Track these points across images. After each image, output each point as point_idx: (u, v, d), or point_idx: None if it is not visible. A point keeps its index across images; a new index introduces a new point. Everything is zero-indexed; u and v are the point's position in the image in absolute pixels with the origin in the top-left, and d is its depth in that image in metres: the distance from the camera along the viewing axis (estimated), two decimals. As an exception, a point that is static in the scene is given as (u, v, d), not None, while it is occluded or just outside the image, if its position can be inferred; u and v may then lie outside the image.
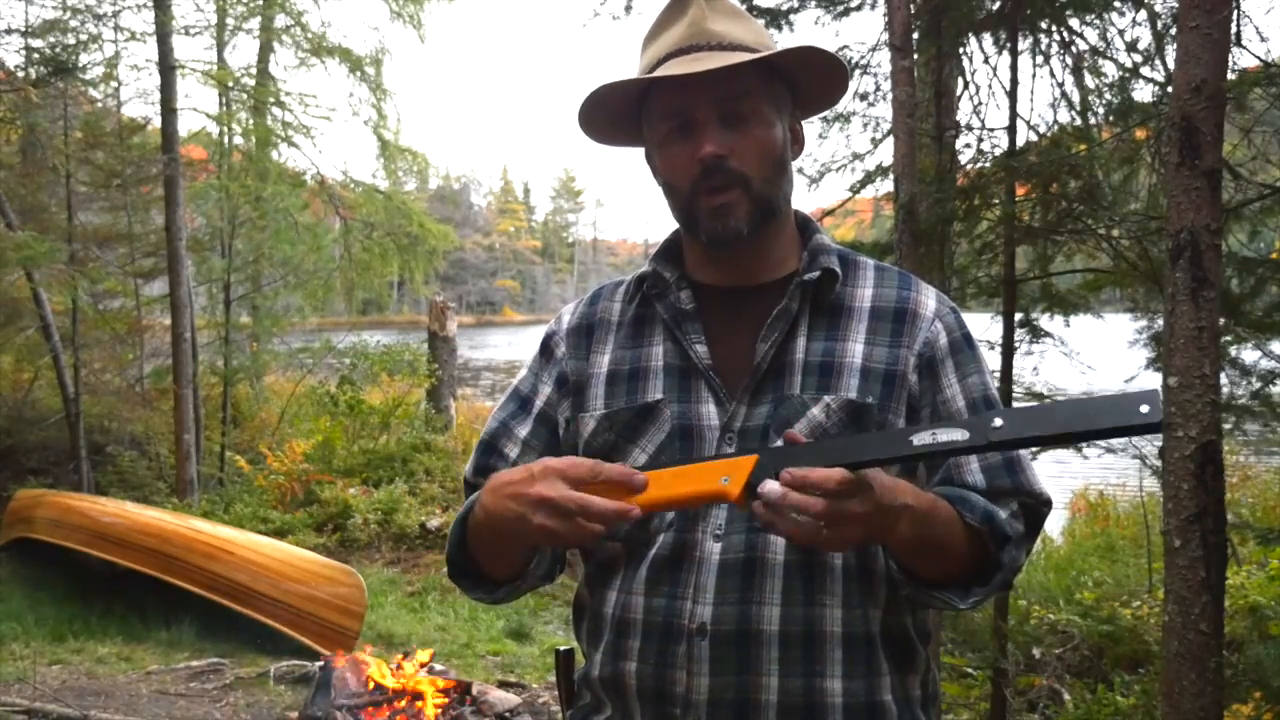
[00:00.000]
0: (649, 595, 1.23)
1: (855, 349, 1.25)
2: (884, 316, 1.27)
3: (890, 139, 4.01)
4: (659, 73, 1.23)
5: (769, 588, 1.19)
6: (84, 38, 9.27)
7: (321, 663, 4.90)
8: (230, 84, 11.05)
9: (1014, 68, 4.08)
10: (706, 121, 1.22)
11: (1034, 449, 4.02)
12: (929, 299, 1.30)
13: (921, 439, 0.97)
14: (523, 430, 1.37)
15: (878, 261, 1.35)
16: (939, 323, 1.27)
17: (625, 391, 1.29)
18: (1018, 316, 4.16)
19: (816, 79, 1.31)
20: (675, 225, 1.36)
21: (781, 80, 1.28)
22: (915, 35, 3.98)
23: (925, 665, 1.28)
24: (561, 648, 1.37)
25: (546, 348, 1.40)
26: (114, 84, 10.36)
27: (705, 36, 1.24)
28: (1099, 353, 4.33)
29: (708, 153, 1.21)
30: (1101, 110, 4.08)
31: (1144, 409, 0.91)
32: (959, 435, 0.96)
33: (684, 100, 1.23)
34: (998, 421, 0.95)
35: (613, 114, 1.32)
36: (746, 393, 1.24)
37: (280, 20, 11.62)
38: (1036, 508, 1.26)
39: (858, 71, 4.79)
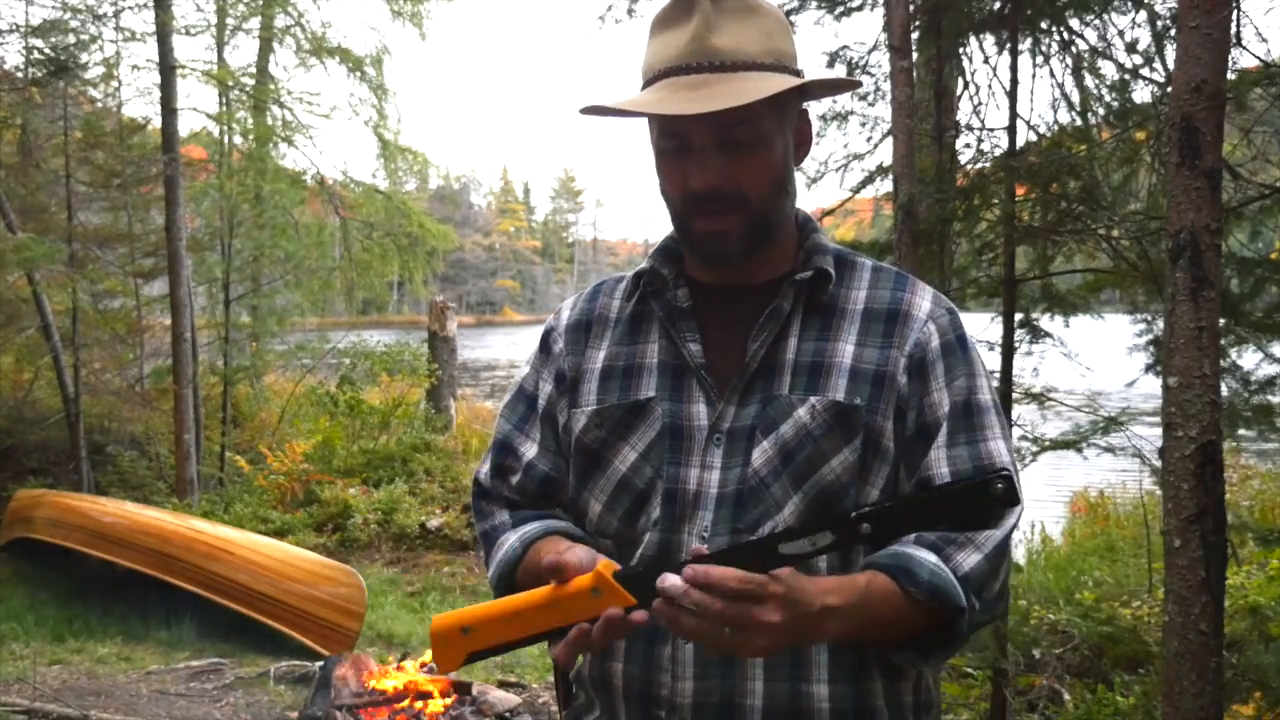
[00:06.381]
0: None
1: (845, 349, 1.23)
2: (876, 318, 1.25)
3: (890, 139, 4.01)
4: (654, 92, 1.19)
5: None
6: (84, 38, 9.27)
7: (321, 663, 4.90)
8: (230, 84, 11.05)
9: (1014, 68, 4.08)
10: (703, 148, 1.19)
11: (1034, 451, 4.00)
12: (923, 300, 1.27)
13: (791, 547, 0.97)
14: (534, 431, 1.38)
15: (876, 262, 1.33)
16: (932, 324, 1.25)
17: (618, 388, 1.29)
18: (1017, 317, 4.16)
19: (827, 86, 1.32)
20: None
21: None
22: (915, 35, 3.98)
23: (917, 672, 1.26)
24: None
25: (546, 344, 1.39)
26: (114, 84, 10.38)
27: (705, 54, 1.17)
28: (1099, 353, 4.32)
29: (701, 186, 1.19)
30: (1101, 111, 4.07)
31: (998, 486, 0.93)
32: (827, 538, 0.97)
33: (681, 124, 1.19)
34: (865, 527, 0.97)
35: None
36: (736, 392, 1.23)
37: (280, 20, 11.62)
38: (1008, 500, 1.02)
39: (857, 71, 4.79)
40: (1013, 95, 4.06)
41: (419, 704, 4.44)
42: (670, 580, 0.95)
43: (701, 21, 1.17)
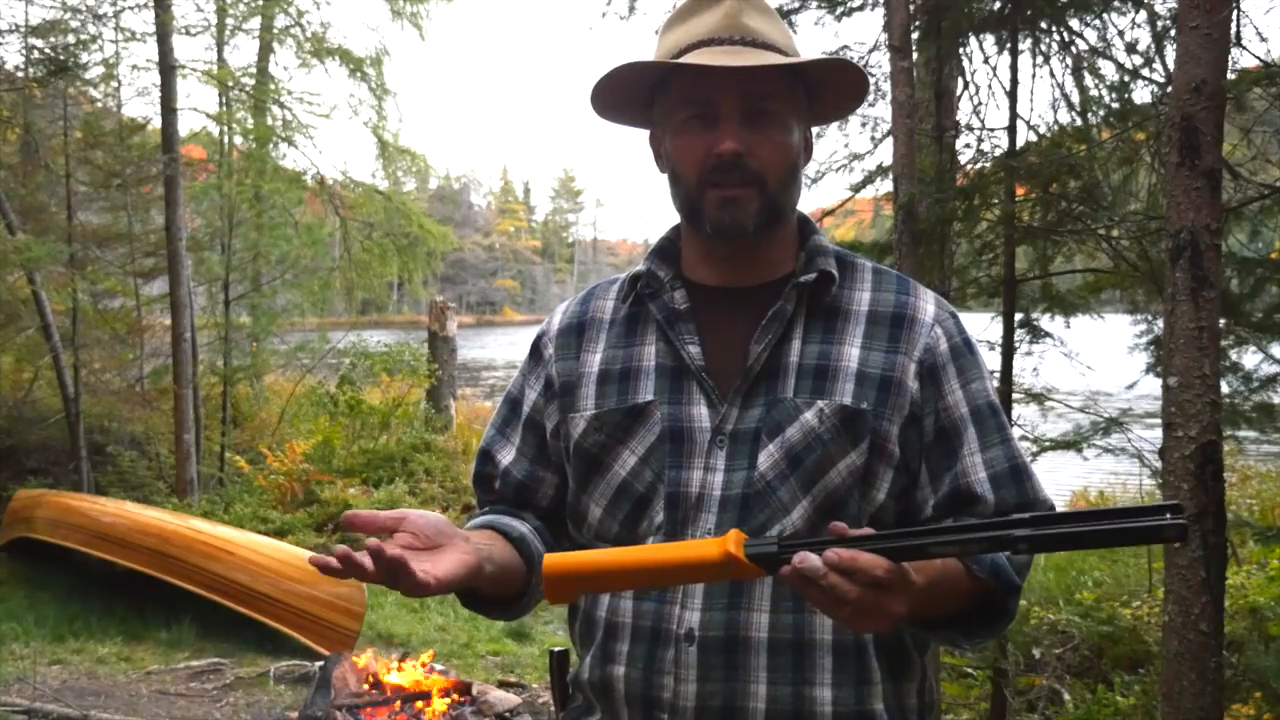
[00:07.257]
0: (638, 599, 1.22)
1: (851, 353, 1.23)
2: (881, 321, 1.25)
3: (890, 139, 4.01)
4: (691, 59, 1.21)
5: (757, 593, 1.17)
6: (84, 38, 9.27)
7: (321, 663, 4.90)
8: (230, 84, 11.05)
9: (1014, 68, 4.08)
10: (729, 116, 1.21)
11: (1034, 451, 4.01)
12: (928, 304, 1.27)
13: (940, 550, 0.96)
14: (515, 436, 1.37)
15: (875, 264, 1.33)
16: (939, 328, 1.25)
17: (616, 392, 1.28)
18: (1018, 317, 4.16)
19: (837, 91, 1.30)
20: (674, 220, 1.34)
21: (803, 88, 1.27)
22: (915, 35, 3.98)
23: (921, 674, 1.26)
24: (556, 649, 1.37)
25: (535, 350, 1.39)
26: (114, 84, 10.36)
27: (739, 30, 1.23)
28: (1099, 353, 4.32)
29: (728, 149, 1.20)
30: (1101, 111, 4.07)
31: (1171, 532, 0.90)
32: (979, 546, 0.96)
33: (709, 90, 1.21)
34: (1022, 546, 0.93)
35: (628, 92, 1.30)
36: (739, 395, 1.22)
37: (280, 20, 11.63)
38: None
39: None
40: (1013, 95, 4.06)
41: (419, 704, 4.44)
42: (811, 561, 0.94)
43: (734, 5, 1.24)
